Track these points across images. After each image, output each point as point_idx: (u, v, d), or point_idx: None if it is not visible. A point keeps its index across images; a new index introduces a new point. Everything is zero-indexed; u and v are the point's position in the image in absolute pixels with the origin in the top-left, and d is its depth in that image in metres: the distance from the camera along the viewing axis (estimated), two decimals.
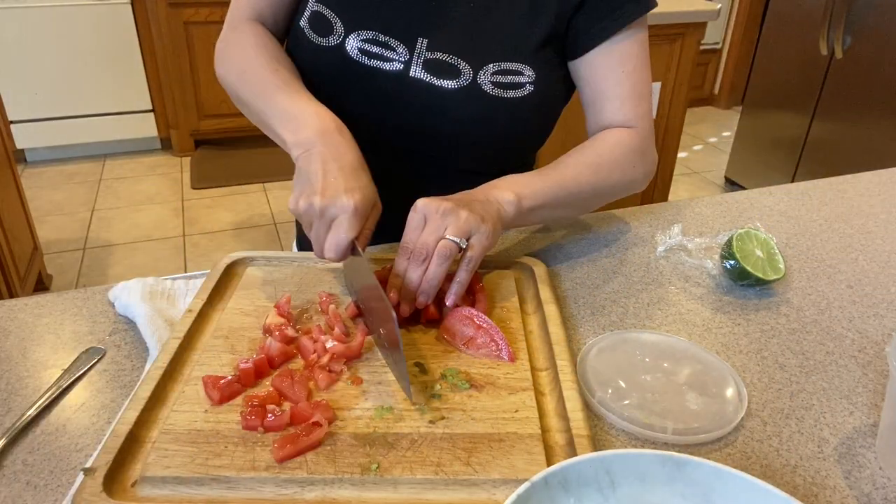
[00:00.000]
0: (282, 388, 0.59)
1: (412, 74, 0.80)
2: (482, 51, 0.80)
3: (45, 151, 3.48)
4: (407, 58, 0.80)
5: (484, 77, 0.80)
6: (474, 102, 0.80)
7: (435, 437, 0.55)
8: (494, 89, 0.80)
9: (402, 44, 0.80)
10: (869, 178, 1.15)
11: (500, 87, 0.80)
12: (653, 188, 2.60)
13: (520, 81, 0.81)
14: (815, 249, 0.92)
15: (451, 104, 0.81)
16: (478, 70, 0.79)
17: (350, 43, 0.80)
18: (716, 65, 4.54)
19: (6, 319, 0.74)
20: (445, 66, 0.80)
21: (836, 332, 0.75)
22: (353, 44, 0.80)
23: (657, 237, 0.92)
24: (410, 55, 0.80)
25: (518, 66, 0.81)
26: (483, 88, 0.80)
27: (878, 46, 2.56)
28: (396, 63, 0.80)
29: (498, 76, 0.80)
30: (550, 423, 0.58)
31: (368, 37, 0.80)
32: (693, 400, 0.62)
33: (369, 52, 0.80)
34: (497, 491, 0.51)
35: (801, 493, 0.54)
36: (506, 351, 0.64)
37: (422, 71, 0.80)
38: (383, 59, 0.80)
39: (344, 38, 0.80)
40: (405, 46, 0.80)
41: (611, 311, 0.77)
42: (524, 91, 0.81)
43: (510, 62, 0.80)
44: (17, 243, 2.15)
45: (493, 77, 0.80)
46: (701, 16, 2.29)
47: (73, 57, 3.23)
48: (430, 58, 0.80)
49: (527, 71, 0.81)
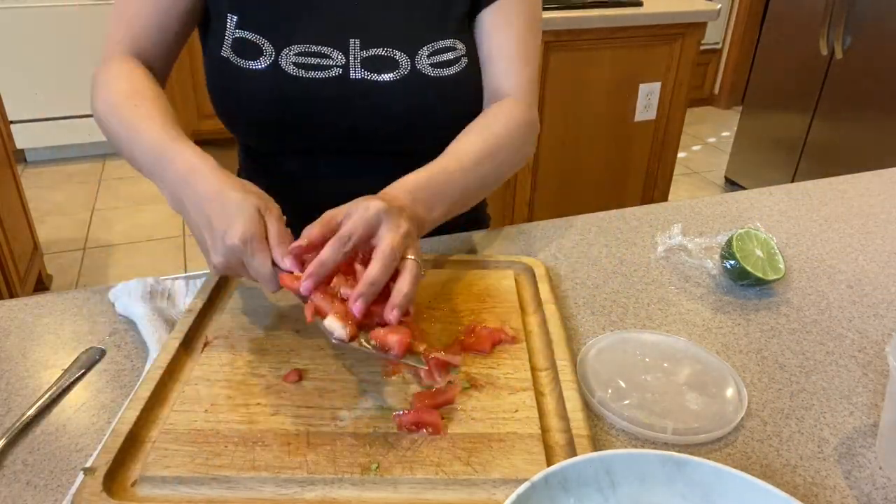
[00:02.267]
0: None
1: (352, 76, 0.81)
2: (413, 37, 0.82)
3: (45, 151, 3.48)
4: (343, 61, 0.81)
5: (421, 61, 0.81)
6: (418, 88, 0.82)
7: (435, 437, 0.55)
8: (434, 70, 0.82)
9: (335, 49, 0.81)
10: (869, 178, 1.15)
11: (439, 67, 0.82)
12: (653, 188, 2.60)
13: (455, 57, 0.83)
14: (815, 249, 0.92)
15: (395, 96, 0.82)
16: (413, 56, 0.81)
17: (283, 60, 0.80)
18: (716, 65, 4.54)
19: (6, 319, 0.74)
20: (383, 59, 0.81)
21: (836, 332, 0.75)
22: (286, 60, 0.80)
23: (657, 237, 0.92)
24: (347, 58, 0.81)
25: (449, 42, 0.83)
26: (423, 73, 0.81)
27: (878, 46, 2.56)
28: (334, 69, 0.81)
29: (434, 56, 0.82)
30: (550, 423, 0.58)
31: (301, 50, 0.80)
32: (693, 400, 0.62)
33: (305, 64, 0.80)
34: (497, 491, 0.51)
35: (801, 493, 0.54)
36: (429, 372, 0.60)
37: (361, 70, 0.81)
38: (320, 69, 0.80)
39: (276, 57, 0.80)
40: (339, 51, 0.81)
41: (611, 311, 0.77)
42: (460, 65, 0.83)
43: (441, 40, 0.82)
44: (17, 243, 2.15)
45: (430, 59, 0.81)
46: (701, 16, 2.29)
47: (73, 57, 3.23)
48: (366, 55, 0.81)
49: (458, 45, 0.83)
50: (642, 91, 2.37)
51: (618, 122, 2.41)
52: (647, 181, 2.59)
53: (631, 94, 2.37)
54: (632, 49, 2.28)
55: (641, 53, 2.30)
